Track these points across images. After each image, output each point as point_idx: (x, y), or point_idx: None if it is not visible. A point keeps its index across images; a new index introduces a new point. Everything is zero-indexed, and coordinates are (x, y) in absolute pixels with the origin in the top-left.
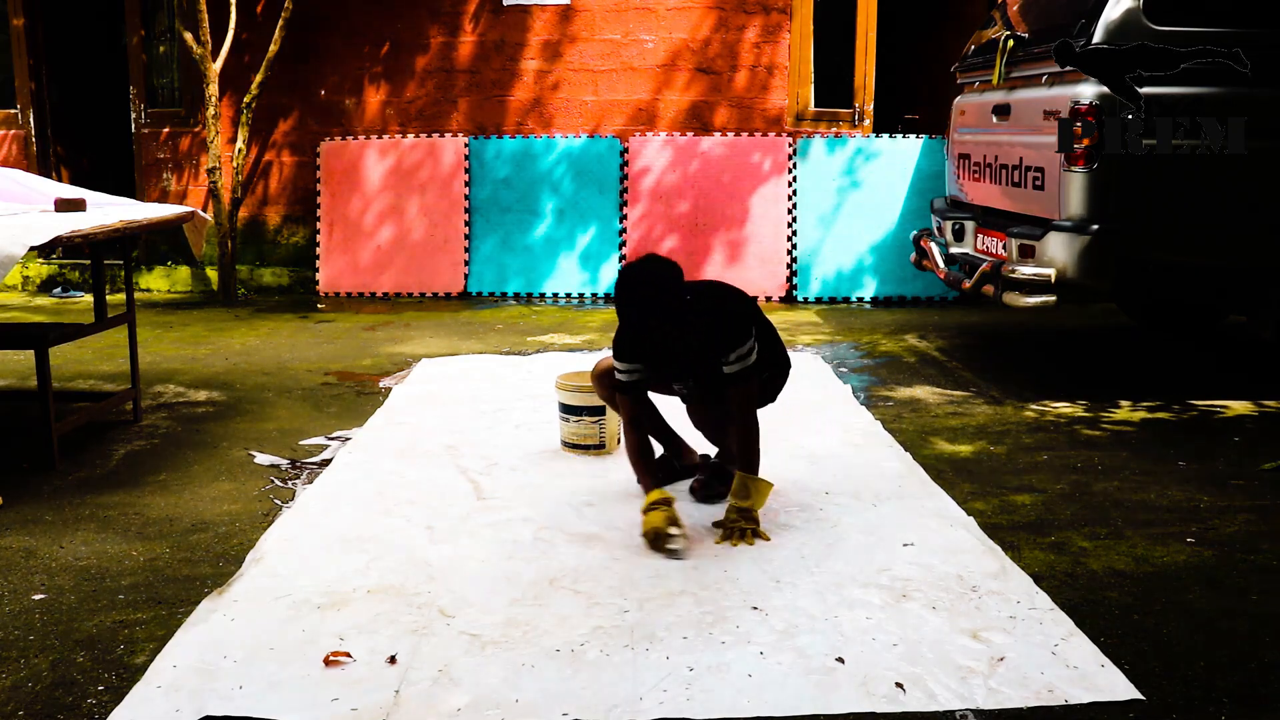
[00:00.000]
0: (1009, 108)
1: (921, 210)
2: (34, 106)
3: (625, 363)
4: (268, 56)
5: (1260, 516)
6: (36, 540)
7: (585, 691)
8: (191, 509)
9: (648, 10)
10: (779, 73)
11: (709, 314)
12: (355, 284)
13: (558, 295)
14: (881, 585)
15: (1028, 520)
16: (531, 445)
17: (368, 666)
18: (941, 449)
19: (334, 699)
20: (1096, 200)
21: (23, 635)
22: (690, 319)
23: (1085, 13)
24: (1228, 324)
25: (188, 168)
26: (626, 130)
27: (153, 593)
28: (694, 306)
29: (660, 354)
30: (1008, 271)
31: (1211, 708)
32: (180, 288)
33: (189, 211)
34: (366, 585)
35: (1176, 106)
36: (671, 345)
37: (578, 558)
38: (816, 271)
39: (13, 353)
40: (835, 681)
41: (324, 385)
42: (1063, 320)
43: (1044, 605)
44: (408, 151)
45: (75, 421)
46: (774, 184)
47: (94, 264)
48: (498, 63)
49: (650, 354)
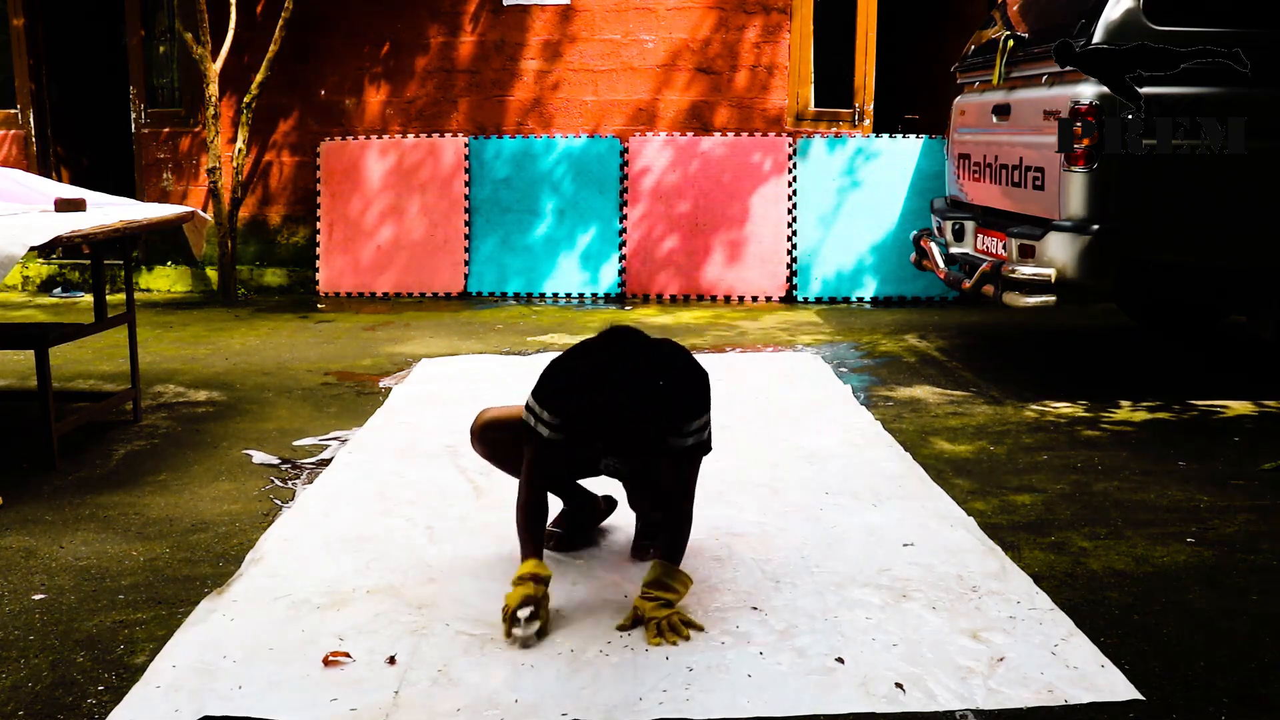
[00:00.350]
0: (1009, 108)
1: (921, 210)
2: (34, 106)
3: (553, 414)
4: (268, 56)
5: (1260, 516)
6: (36, 540)
7: (585, 692)
8: (191, 509)
9: (648, 10)
10: (779, 73)
11: (677, 377)
12: (355, 284)
13: (558, 295)
14: (881, 585)
15: (1028, 520)
16: None
17: (367, 667)
18: (941, 449)
19: (333, 699)
20: (1096, 200)
21: (23, 635)
22: (657, 381)
23: (1085, 13)
24: (1228, 324)
25: (188, 168)
26: (627, 130)
27: (153, 593)
28: (663, 368)
29: (602, 418)
30: (1008, 271)
31: (1211, 708)
32: (180, 288)
33: (189, 211)
34: (366, 585)
35: (1176, 106)
36: (624, 410)
37: (577, 557)
38: (816, 271)
39: (13, 353)
40: (835, 682)
41: (324, 385)
42: (1063, 320)
43: (1044, 605)
44: (408, 151)
45: (75, 421)
46: (774, 184)
47: (94, 264)
48: (498, 63)
49: (588, 415)
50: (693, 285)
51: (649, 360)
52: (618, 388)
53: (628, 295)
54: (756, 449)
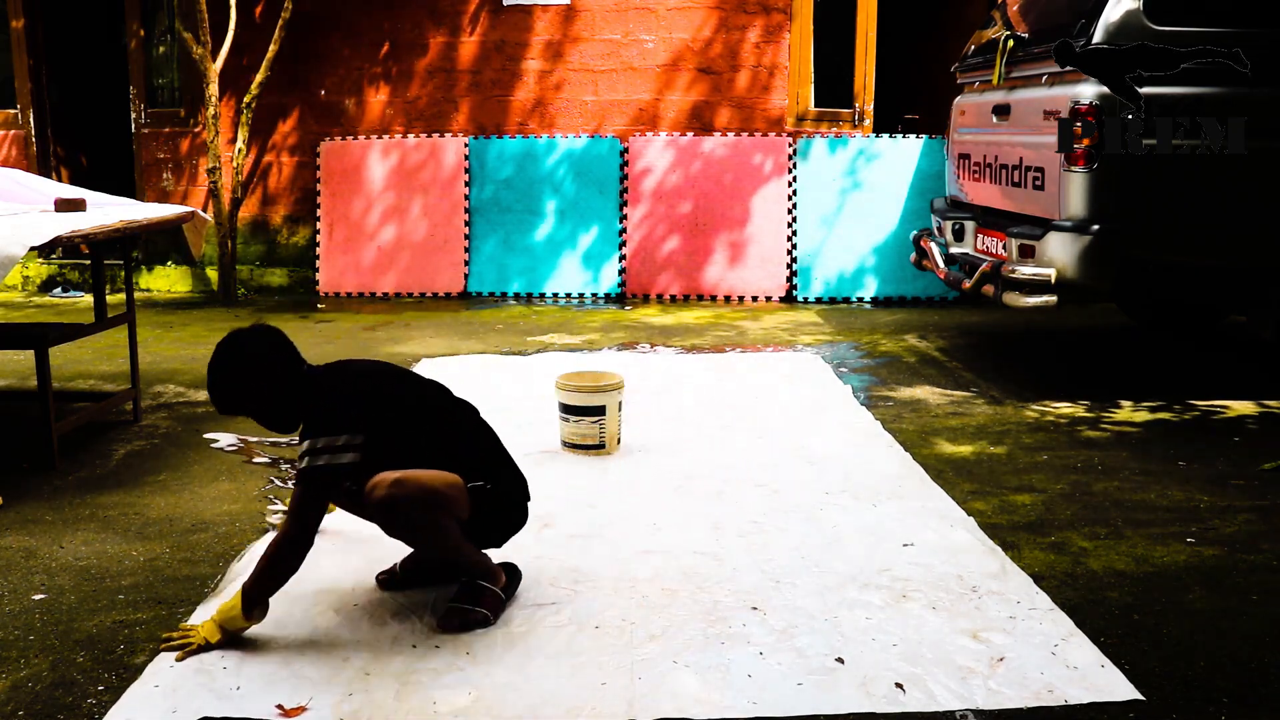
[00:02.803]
0: (1009, 108)
1: (922, 210)
2: (34, 106)
3: (350, 435)
4: (268, 56)
5: (1260, 516)
6: (36, 540)
7: (585, 691)
8: (191, 509)
9: (648, 10)
10: (780, 73)
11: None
12: (356, 284)
13: (558, 295)
14: (881, 585)
15: (1028, 520)
16: (531, 445)
17: (367, 666)
18: (942, 449)
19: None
20: (1096, 200)
21: (23, 635)
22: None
23: (1085, 13)
24: (1228, 324)
25: (188, 168)
26: (627, 130)
27: (153, 593)
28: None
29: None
30: (1008, 271)
31: (1211, 708)
32: (180, 288)
33: (189, 211)
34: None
35: (1176, 106)
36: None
37: (577, 558)
38: (817, 271)
39: (13, 353)
40: (835, 682)
41: None
42: (1063, 320)
43: (1044, 605)
44: (408, 152)
45: (75, 421)
46: (775, 184)
47: (94, 264)
48: (498, 63)
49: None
50: (693, 285)
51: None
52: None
53: (628, 295)
54: (756, 449)
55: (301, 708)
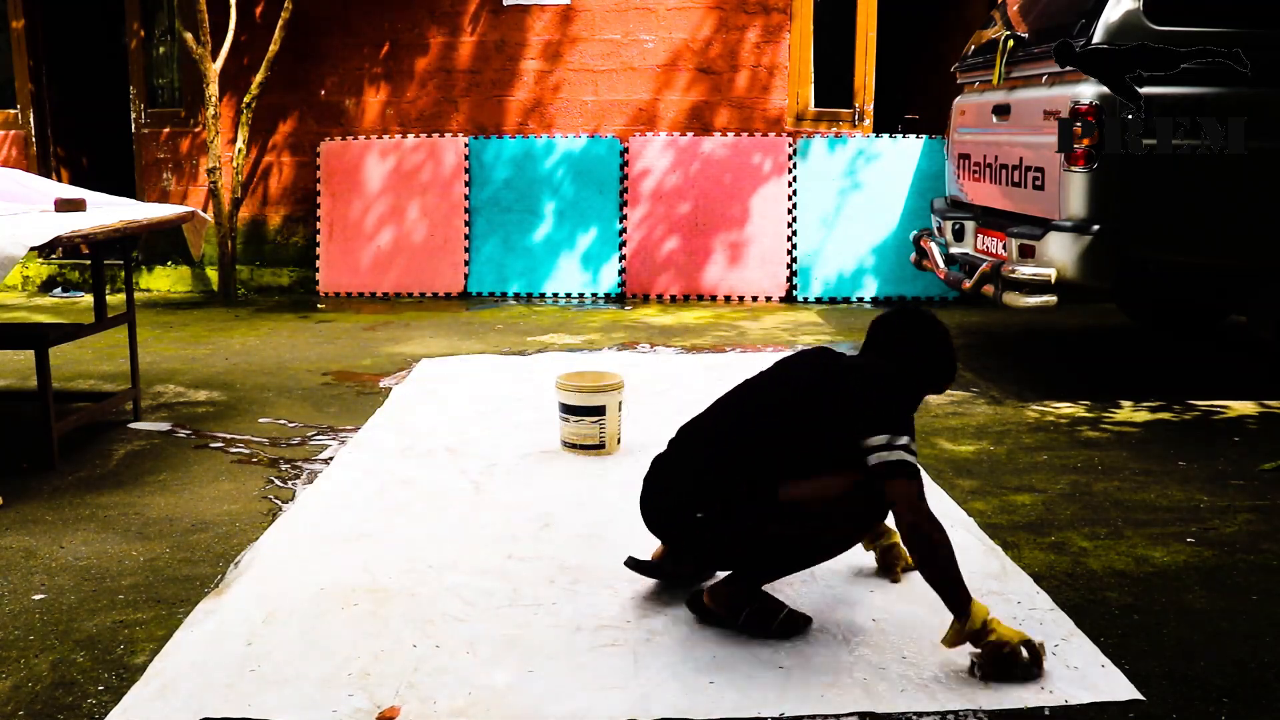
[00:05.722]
0: (1009, 108)
1: (922, 210)
2: (34, 107)
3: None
4: (268, 57)
5: (1260, 516)
6: (36, 540)
7: (585, 692)
8: (191, 509)
9: (648, 10)
10: (779, 73)
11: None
12: (356, 284)
13: (558, 295)
14: (882, 585)
15: (1028, 520)
16: (531, 445)
17: (367, 666)
18: (942, 449)
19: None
20: (1096, 200)
21: (23, 635)
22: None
23: (1085, 13)
24: (1228, 324)
25: (188, 168)
26: (627, 131)
27: (153, 593)
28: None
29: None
30: (1008, 271)
31: (1211, 708)
32: (180, 288)
33: (189, 211)
34: (366, 585)
35: (1176, 106)
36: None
37: (577, 557)
38: (817, 272)
39: (13, 353)
40: (835, 682)
41: (324, 385)
42: (1063, 320)
43: (1044, 605)
44: (408, 152)
45: (75, 421)
46: (775, 184)
47: (94, 264)
48: (498, 63)
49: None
50: (693, 286)
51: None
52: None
53: (628, 296)
54: None
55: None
